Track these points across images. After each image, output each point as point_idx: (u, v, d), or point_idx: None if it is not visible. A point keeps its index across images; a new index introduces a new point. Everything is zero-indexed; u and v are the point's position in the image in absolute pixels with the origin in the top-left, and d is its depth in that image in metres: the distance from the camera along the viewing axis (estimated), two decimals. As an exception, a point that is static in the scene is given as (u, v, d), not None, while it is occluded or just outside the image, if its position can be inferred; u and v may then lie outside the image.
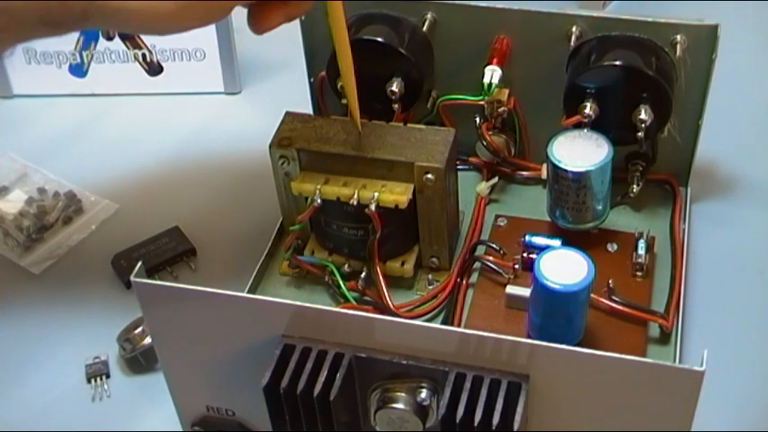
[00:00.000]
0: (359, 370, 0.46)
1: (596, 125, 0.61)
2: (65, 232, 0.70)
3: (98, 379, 0.60)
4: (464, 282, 0.61)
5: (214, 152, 0.76)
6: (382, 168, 0.58)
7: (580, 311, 0.54)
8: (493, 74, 0.62)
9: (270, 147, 0.59)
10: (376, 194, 0.57)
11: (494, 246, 0.62)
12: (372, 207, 0.57)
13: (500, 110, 0.64)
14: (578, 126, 0.61)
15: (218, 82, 0.82)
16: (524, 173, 0.68)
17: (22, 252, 0.69)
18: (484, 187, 0.67)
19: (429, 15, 0.64)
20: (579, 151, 0.59)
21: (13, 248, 0.69)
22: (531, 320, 0.55)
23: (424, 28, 0.64)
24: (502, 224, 0.65)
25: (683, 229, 0.64)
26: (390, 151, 0.58)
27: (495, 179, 0.68)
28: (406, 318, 0.58)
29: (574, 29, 0.62)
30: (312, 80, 0.68)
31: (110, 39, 0.79)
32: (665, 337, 0.58)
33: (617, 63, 0.60)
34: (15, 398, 0.60)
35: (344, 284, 0.60)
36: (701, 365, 0.41)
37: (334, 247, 0.62)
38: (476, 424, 0.43)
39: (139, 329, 0.59)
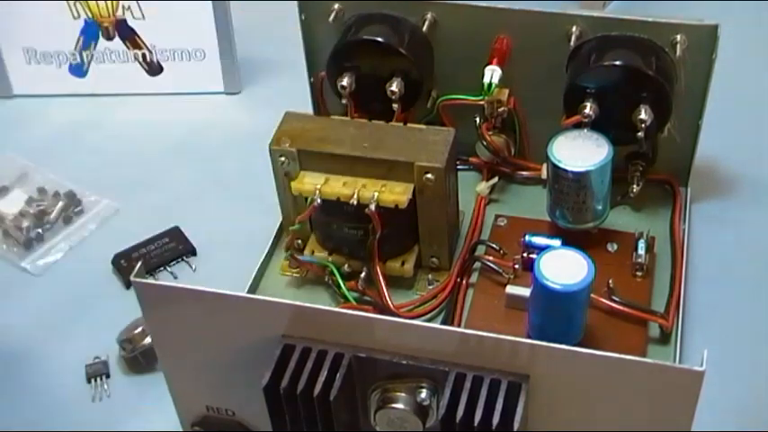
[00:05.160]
0: (359, 370, 0.46)
1: (596, 125, 0.60)
2: (65, 232, 0.70)
3: (98, 379, 0.60)
4: (464, 282, 0.61)
5: (214, 152, 0.76)
6: (382, 168, 0.58)
7: (580, 311, 0.54)
8: (493, 74, 0.62)
9: (270, 147, 0.59)
10: (376, 194, 0.57)
11: (494, 246, 0.62)
12: (372, 207, 0.57)
13: (500, 110, 0.64)
14: (578, 126, 0.61)
15: (218, 82, 0.82)
16: (524, 173, 0.68)
17: (22, 252, 0.69)
18: (484, 187, 0.67)
19: (429, 15, 0.64)
20: (579, 151, 0.59)
21: (12, 248, 0.69)
22: (531, 320, 0.55)
23: (424, 28, 0.64)
24: (502, 224, 0.65)
25: (683, 229, 0.64)
26: (390, 151, 0.58)
27: (495, 179, 0.68)
28: (406, 318, 0.58)
29: (574, 29, 0.62)
30: (312, 80, 0.68)
31: (110, 39, 0.80)
32: (665, 337, 0.58)
33: (617, 63, 0.60)
34: (15, 398, 0.60)
35: (344, 284, 0.60)
36: (701, 365, 0.41)
37: (334, 247, 0.62)
38: (476, 424, 0.43)
39: (139, 329, 0.59)
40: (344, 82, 0.64)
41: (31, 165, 0.75)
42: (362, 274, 0.60)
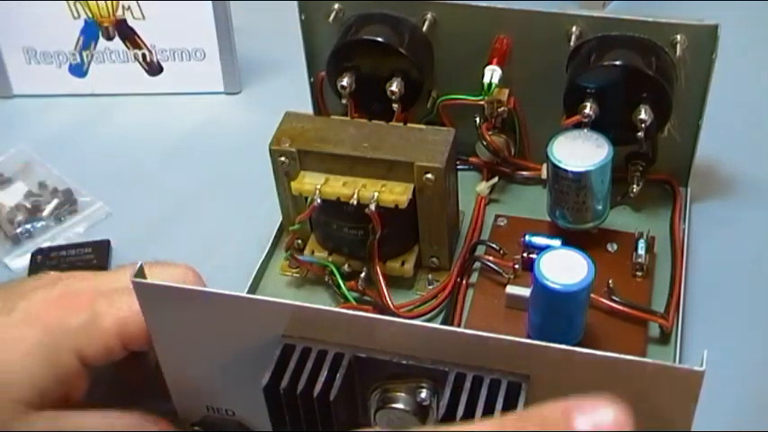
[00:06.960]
0: (359, 370, 0.46)
1: (596, 125, 0.60)
2: (52, 232, 0.69)
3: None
4: (464, 282, 0.61)
5: (214, 152, 0.76)
6: (382, 168, 0.58)
7: (580, 311, 0.54)
8: (493, 74, 0.62)
9: (270, 147, 0.59)
10: (376, 194, 0.57)
11: (494, 246, 0.62)
12: (372, 207, 0.57)
13: (500, 110, 0.64)
14: (578, 126, 0.61)
15: (218, 82, 0.82)
16: (524, 173, 0.68)
17: (8, 247, 0.68)
18: (484, 187, 0.67)
19: (429, 15, 0.64)
20: (579, 151, 0.59)
21: (2, 243, 0.69)
22: (531, 320, 0.55)
23: (424, 28, 0.64)
24: (502, 224, 0.65)
25: (683, 229, 0.64)
26: (390, 151, 0.58)
27: (495, 179, 0.68)
28: (406, 318, 0.58)
29: (574, 29, 0.62)
30: (312, 80, 0.68)
31: (110, 39, 0.80)
32: (665, 337, 0.58)
33: (617, 63, 0.60)
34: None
35: (344, 284, 0.60)
36: (701, 365, 0.41)
37: (334, 246, 0.62)
38: (476, 424, 0.43)
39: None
40: (344, 82, 0.64)
41: (38, 158, 0.75)
42: (362, 274, 0.60)
